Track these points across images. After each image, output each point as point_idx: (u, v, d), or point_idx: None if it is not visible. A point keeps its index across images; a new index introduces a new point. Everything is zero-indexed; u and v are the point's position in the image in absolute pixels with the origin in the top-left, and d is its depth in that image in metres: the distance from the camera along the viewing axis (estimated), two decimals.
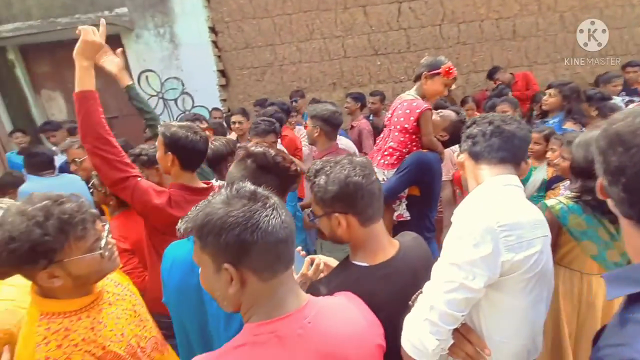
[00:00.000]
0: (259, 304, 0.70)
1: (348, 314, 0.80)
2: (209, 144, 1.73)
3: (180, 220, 0.72)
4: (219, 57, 5.23)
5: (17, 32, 4.79)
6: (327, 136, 2.17)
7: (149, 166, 2.05)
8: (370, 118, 4.14)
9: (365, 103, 4.03)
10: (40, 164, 2.62)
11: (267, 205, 0.68)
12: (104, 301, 1.00)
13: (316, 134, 2.16)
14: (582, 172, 1.42)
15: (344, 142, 2.66)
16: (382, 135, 2.15)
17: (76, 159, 2.58)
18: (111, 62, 1.84)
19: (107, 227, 0.98)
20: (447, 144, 2.06)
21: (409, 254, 1.01)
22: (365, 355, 0.77)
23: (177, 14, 5.06)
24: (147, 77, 5.29)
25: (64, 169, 3.01)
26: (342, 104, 4.31)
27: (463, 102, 4.03)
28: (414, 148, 1.98)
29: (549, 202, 1.55)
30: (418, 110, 1.91)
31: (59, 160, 3.47)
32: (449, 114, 2.08)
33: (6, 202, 1.52)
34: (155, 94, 5.34)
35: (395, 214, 1.98)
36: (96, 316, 0.95)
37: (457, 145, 2.42)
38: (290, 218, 0.72)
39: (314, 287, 0.97)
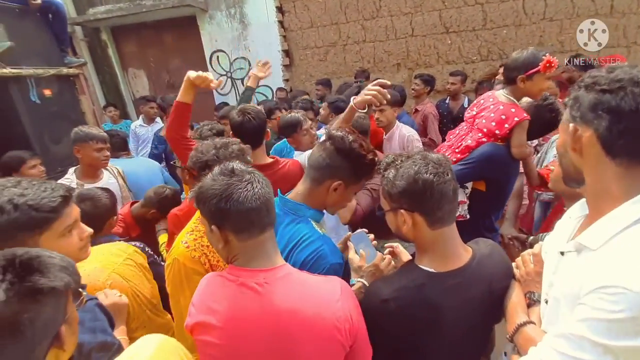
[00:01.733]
0: (237, 256, 0.87)
1: (311, 296, 0.84)
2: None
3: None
4: (284, 37, 5.31)
5: (109, 14, 5.32)
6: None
7: None
8: (447, 101, 3.88)
9: (434, 87, 3.83)
10: (116, 146, 2.75)
11: (243, 179, 0.84)
12: None
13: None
14: None
15: (405, 130, 2.58)
16: (457, 131, 1.95)
17: None
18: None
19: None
20: (531, 135, 1.82)
21: (484, 263, 0.93)
22: (309, 339, 0.80)
23: None
24: (217, 57, 5.58)
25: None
26: (407, 86, 4.18)
27: None
28: None
29: None
30: (517, 119, 1.70)
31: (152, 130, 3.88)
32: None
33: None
34: (224, 73, 5.63)
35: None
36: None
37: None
38: (265, 190, 0.86)
39: (375, 285, 0.95)
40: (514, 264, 0.99)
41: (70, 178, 2.21)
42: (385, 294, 0.89)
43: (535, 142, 2.67)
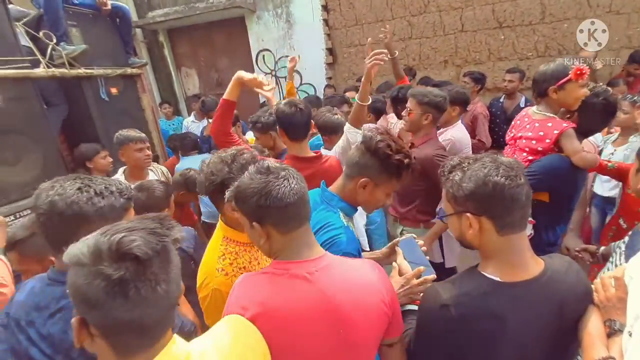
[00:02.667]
0: (280, 250, 0.89)
1: (355, 276, 0.90)
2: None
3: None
4: (328, 35, 5.35)
5: (166, 16, 5.68)
6: (434, 123, 2.08)
7: (264, 132, 2.37)
8: (501, 100, 3.65)
9: (484, 85, 3.65)
10: (188, 146, 3.30)
11: (279, 176, 0.86)
12: None
13: (425, 122, 2.02)
14: None
15: (456, 133, 2.47)
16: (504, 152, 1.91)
17: None
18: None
19: None
20: (591, 131, 1.76)
21: (557, 280, 0.86)
22: (360, 313, 0.86)
23: None
24: (263, 56, 5.75)
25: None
26: (455, 83, 4.03)
27: (610, 85, 3.31)
28: None
29: None
30: (556, 132, 1.65)
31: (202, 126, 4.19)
32: None
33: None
34: (269, 71, 5.80)
35: None
36: (255, 253, 1.21)
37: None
38: (300, 185, 0.89)
39: (434, 289, 0.91)
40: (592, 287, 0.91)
41: (119, 179, 2.40)
42: (446, 298, 0.85)
43: (600, 141, 2.49)
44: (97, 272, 0.55)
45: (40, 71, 2.73)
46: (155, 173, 2.60)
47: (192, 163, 2.83)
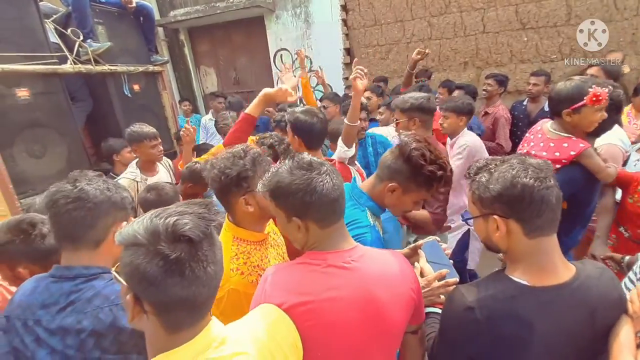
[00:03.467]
0: (318, 242, 0.90)
1: (388, 265, 0.94)
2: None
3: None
4: (346, 35, 5.34)
5: (187, 15, 5.78)
6: (425, 126, 1.99)
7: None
8: (524, 103, 3.53)
9: (507, 87, 3.56)
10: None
11: (321, 172, 0.87)
12: (269, 242, 1.26)
13: (414, 127, 1.96)
14: None
15: (468, 138, 2.44)
16: None
17: None
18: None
19: None
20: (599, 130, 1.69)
21: (588, 285, 0.83)
22: (394, 300, 0.89)
23: None
24: (281, 55, 5.78)
25: None
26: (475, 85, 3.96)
27: (637, 91, 3.11)
28: None
29: None
30: (573, 152, 1.61)
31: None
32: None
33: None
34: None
35: None
36: (264, 251, 1.21)
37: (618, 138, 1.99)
38: (340, 181, 0.90)
39: (459, 291, 0.90)
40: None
41: (135, 172, 2.42)
42: (471, 301, 0.83)
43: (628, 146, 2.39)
44: (156, 252, 0.59)
45: (67, 67, 2.82)
46: (164, 165, 2.68)
47: None
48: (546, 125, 1.79)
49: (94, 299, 0.90)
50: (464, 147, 2.39)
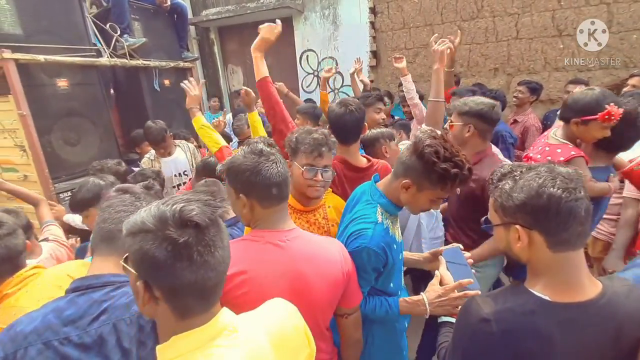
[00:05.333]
0: (259, 221, 1.03)
1: (321, 248, 1.05)
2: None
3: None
4: (373, 37, 5.31)
5: (218, 15, 5.92)
6: (482, 136, 1.72)
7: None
8: (558, 112, 3.44)
9: (539, 96, 3.41)
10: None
11: (269, 159, 1.01)
12: (308, 218, 1.45)
13: (467, 134, 1.70)
14: None
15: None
16: None
17: None
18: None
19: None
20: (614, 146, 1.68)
21: (616, 304, 0.77)
22: (321, 278, 1.00)
23: None
24: (307, 56, 5.83)
25: None
26: (505, 93, 3.84)
27: None
28: None
29: None
30: (562, 158, 1.61)
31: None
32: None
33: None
34: (311, 72, 5.86)
35: None
36: (302, 223, 1.43)
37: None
38: (285, 169, 1.03)
39: (474, 302, 0.85)
40: None
41: (152, 152, 2.81)
42: (487, 313, 0.79)
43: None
44: (164, 237, 0.60)
45: (104, 60, 2.95)
46: (182, 148, 2.87)
47: None
48: (553, 131, 1.81)
49: (132, 304, 0.83)
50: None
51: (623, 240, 1.90)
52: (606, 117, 1.53)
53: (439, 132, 1.16)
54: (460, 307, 1.00)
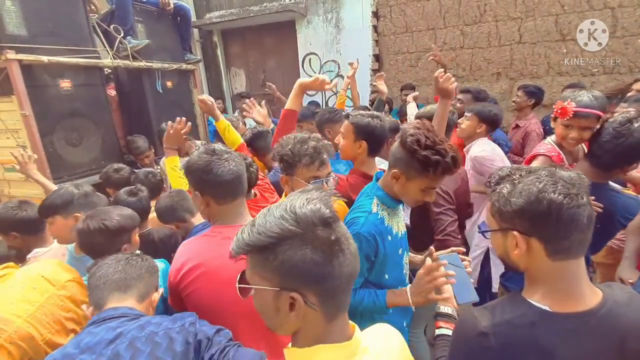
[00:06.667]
0: (218, 217, 1.10)
1: None
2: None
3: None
4: (376, 41, 5.32)
5: (222, 18, 5.95)
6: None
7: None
8: None
9: (540, 100, 3.37)
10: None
11: (222, 158, 1.07)
12: None
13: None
14: None
15: (477, 148, 2.33)
16: None
17: None
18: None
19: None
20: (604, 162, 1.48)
21: (618, 313, 0.74)
22: None
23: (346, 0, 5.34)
24: (309, 59, 5.84)
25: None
26: (508, 97, 3.82)
27: None
28: None
29: None
30: (531, 155, 1.68)
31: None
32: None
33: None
34: (313, 75, 5.86)
35: None
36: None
37: None
38: (238, 167, 1.09)
39: (471, 315, 0.80)
40: None
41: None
42: (485, 326, 0.76)
43: None
44: (315, 237, 0.59)
45: (107, 61, 2.96)
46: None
47: None
48: (553, 136, 1.82)
49: (146, 325, 0.86)
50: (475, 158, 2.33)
51: (635, 248, 1.84)
52: (558, 110, 1.48)
53: (426, 123, 1.18)
54: (435, 291, 1.08)
